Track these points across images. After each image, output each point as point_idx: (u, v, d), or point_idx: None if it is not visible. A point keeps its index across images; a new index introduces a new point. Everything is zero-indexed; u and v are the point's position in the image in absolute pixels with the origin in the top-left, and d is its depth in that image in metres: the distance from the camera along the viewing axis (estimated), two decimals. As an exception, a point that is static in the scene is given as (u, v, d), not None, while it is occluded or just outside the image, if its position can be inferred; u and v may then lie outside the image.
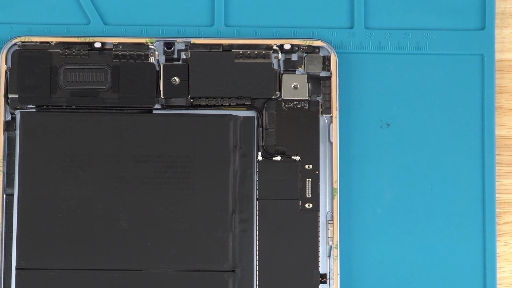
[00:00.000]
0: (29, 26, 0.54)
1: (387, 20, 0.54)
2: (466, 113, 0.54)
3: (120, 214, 0.51)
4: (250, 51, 0.53)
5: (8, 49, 0.52)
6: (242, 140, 0.52)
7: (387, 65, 0.54)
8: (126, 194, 0.51)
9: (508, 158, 0.55)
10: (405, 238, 0.53)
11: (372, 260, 0.53)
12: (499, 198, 0.55)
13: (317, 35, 0.54)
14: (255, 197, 0.52)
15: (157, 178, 0.51)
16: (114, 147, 0.51)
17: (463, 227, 0.53)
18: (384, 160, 0.54)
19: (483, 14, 0.54)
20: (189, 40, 0.53)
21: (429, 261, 0.53)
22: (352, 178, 0.53)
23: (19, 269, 0.51)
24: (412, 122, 0.54)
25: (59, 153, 0.51)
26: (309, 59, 0.53)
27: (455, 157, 0.54)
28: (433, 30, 0.54)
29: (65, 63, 0.52)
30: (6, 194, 0.52)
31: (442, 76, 0.54)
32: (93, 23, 0.54)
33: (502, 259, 0.55)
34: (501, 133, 0.55)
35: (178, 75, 0.53)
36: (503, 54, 0.55)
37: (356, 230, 0.53)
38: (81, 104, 0.52)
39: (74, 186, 0.51)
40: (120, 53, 0.53)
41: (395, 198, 0.53)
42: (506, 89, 0.55)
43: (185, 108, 0.53)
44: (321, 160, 0.53)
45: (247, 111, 0.53)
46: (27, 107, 0.52)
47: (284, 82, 0.53)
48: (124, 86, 0.52)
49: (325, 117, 0.53)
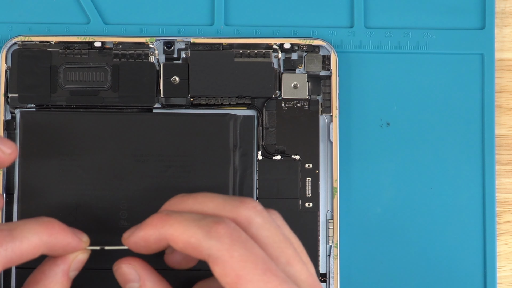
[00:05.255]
0: (29, 26, 0.54)
1: (387, 19, 0.54)
2: (466, 112, 0.54)
3: (120, 213, 0.51)
4: (250, 50, 0.53)
5: (8, 48, 0.52)
6: (242, 139, 0.52)
7: (387, 64, 0.54)
8: (126, 193, 0.51)
9: (508, 158, 0.55)
10: (405, 238, 0.53)
11: (372, 259, 0.53)
12: (499, 197, 0.55)
13: (317, 34, 0.54)
14: (255, 196, 0.52)
15: (157, 177, 0.51)
16: (114, 146, 0.51)
17: (463, 226, 0.53)
18: (384, 159, 0.54)
19: (483, 13, 0.54)
20: (189, 39, 0.53)
21: (429, 260, 0.53)
22: (352, 178, 0.53)
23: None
24: (412, 122, 0.54)
25: (59, 152, 0.51)
26: (309, 58, 0.53)
27: (455, 156, 0.54)
28: (433, 30, 0.54)
29: (65, 62, 0.52)
30: (6, 194, 0.52)
31: (442, 75, 0.54)
32: (93, 23, 0.54)
33: (502, 258, 0.55)
34: (501, 132, 0.55)
35: (178, 74, 0.53)
36: (503, 53, 0.55)
37: (356, 230, 0.53)
38: (81, 103, 0.52)
39: (74, 185, 0.51)
40: (120, 52, 0.53)
41: (395, 198, 0.53)
42: (506, 88, 0.55)
43: (185, 107, 0.53)
44: (321, 159, 0.53)
45: (247, 110, 0.53)
46: (27, 106, 0.52)
47: (284, 81, 0.53)
48: (124, 85, 0.52)
49: (325, 116, 0.53)
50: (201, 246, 0.40)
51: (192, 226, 0.40)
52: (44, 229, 0.43)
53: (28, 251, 0.42)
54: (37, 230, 0.42)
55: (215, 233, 0.40)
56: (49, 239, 0.43)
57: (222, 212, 0.41)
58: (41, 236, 0.42)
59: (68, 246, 0.43)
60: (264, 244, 0.41)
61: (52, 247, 0.43)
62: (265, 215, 0.42)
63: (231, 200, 0.42)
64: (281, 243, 0.41)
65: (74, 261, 0.44)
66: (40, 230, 0.42)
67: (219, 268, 0.39)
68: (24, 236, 0.42)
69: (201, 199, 0.42)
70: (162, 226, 0.41)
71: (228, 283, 0.39)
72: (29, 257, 0.42)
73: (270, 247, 0.41)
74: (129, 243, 0.43)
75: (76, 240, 0.44)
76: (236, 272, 0.39)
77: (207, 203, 0.42)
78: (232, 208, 0.41)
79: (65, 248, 0.43)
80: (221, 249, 0.39)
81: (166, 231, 0.41)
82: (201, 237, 0.40)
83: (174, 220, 0.41)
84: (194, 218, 0.41)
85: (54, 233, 0.43)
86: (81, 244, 0.44)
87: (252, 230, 0.41)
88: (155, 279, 0.43)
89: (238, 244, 0.40)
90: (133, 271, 0.43)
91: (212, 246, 0.40)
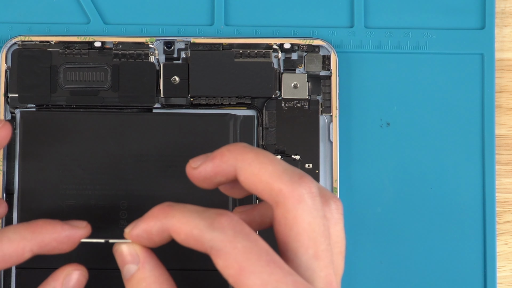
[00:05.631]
0: (29, 26, 0.54)
1: (387, 19, 0.54)
2: (466, 112, 0.54)
3: (120, 213, 0.51)
4: (250, 50, 0.53)
5: (8, 48, 0.52)
6: (242, 139, 0.52)
7: (387, 64, 0.54)
8: (126, 193, 0.51)
9: (508, 158, 0.55)
10: (405, 238, 0.53)
11: (372, 259, 0.53)
12: (499, 197, 0.55)
13: (317, 34, 0.54)
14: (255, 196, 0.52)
15: (157, 177, 0.51)
16: (114, 146, 0.51)
17: (463, 226, 0.53)
18: (384, 159, 0.54)
19: (483, 13, 0.54)
20: (189, 39, 0.53)
21: (429, 260, 0.53)
22: (352, 177, 0.53)
23: (19, 268, 0.51)
24: (412, 122, 0.54)
25: (59, 152, 0.51)
26: (309, 58, 0.53)
27: (455, 156, 0.54)
28: (433, 29, 0.54)
29: (65, 62, 0.52)
30: (6, 194, 0.52)
31: (442, 75, 0.54)
32: (93, 23, 0.54)
33: (502, 258, 0.55)
34: (501, 132, 0.55)
35: (178, 74, 0.53)
36: (503, 53, 0.55)
37: (356, 230, 0.53)
38: (81, 103, 0.52)
39: (74, 185, 0.51)
40: (120, 52, 0.53)
41: (395, 198, 0.53)
42: (506, 88, 0.55)
43: (185, 107, 0.53)
44: (321, 159, 0.53)
45: (247, 110, 0.53)
46: (27, 106, 0.52)
47: (284, 81, 0.53)
48: (124, 85, 0.52)
49: (325, 116, 0.53)
50: (204, 237, 0.39)
51: (195, 217, 0.40)
52: (26, 227, 0.43)
53: (11, 251, 0.42)
54: (18, 229, 0.42)
55: (218, 224, 0.39)
56: (33, 236, 0.42)
57: (276, 181, 0.40)
58: (23, 233, 0.42)
59: (59, 238, 0.43)
60: (302, 228, 0.40)
61: (41, 243, 0.43)
62: (317, 201, 0.40)
63: (291, 172, 0.40)
64: (317, 234, 0.40)
65: (65, 279, 0.44)
66: (21, 228, 0.43)
67: (222, 260, 0.38)
68: (4, 236, 0.42)
69: (262, 158, 0.41)
70: (164, 217, 0.41)
71: (231, 275, 0.38)
72: (17, 257, 0.42)
73: (306, 235, 0.40)
74: (132, 236, 0.42)
75: (67, 229, 0.44)
76: (239, 264, 0.38)
77: (267, 165, 0.40)
78: (288, 180, 0.40)
79: (57, 240, 0.43)
80: (224, 241, 0.39)
81: (168, 222, 0.40)
82: (204, 228, 0.39)
83: (176, 211, 0.40)
84: (197, 209, 0.40)
85: (37, 229, 0.43)
86: (77, 231, 0.44)
87: (298, 211, 0.40)
88: (155, 263, 0.42)
89: (241, 235, 0.39)
90: (134, 252, 0.42)
91: (214, 237, 0.39)
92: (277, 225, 0.40)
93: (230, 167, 0.41)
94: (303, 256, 0.40)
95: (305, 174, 0.41)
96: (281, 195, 0.40)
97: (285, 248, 0.40)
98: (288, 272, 0.38)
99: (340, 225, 0.42)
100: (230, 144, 0.42)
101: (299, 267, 0.40)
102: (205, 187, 0.43)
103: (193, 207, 0.41)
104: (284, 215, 0.40)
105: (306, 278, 0.39)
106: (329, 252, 0.40)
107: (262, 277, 0.38)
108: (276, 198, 0.40)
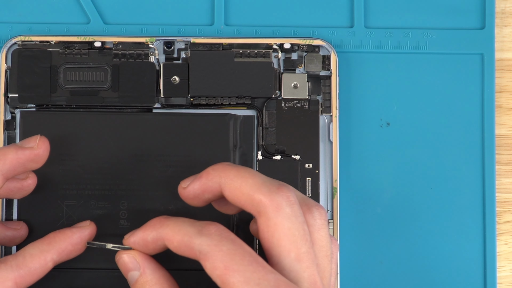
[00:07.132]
0: (29, 25, 0.54)
1: (387, 19, 0.54)
2: (466, 112, 0.54)
3: (120, 213, 0.51)
4: (250, 50, 0.53)
5: (8, 48, 0.52)
6: (242, 139, 0.52)
7: (387, 64, 0.54)
8: (126, 193, 0.51)
9: (508, 157, 0.55)
10: (405, 238, 0.53)
11: (372, 259, 0.53)
12: (499, 197, 0.55)
13: (317, 34, 0.54)
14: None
15: (157, 177, 0.51)
16: (114, 146, 0.51)
17: (463, 226, 0.53)
18: (384, 159, 0.54)
19: (483, 13, 0.54)
20: (189, 39, 0.53)
21: (429, 260, 0.53)
22: (352, 177, 0.53)
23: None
24: (412, 122, 0.54)
25: (59, 152, 0.51)
26: (309, 58, 0.53)
27: (455, 156, 0.54)
28: (433, 29, 0.54)
29: (65, 62, 0.52)
30: (6, 194, 0.52)
31: (442, 75, 0.54)
32: (93, 23, 0.54)
33: (502, 258, 0.55)
34: (501, 132, 0.55)
35: (178, 74, 0.53)
36: (503, 53, 0.55)
37: (356, 230, 0.53)
38: (81, 103, 0.52)
39: (74, 185, 0.51)
40: (120, 52, 0.53)
41: (395, 198, 0.53)
42: (506, 88, 0.55)
43: (185, 107, 0.53)
44: (321, 159, 0.53)
45: (247, 110, 0.53)
46: (27, 106, 0.52)
47: (284, 81, 0.53)
48: (124, 85, 0.52)
49: (325, 116, 0.53)
50: (193, 242, 0.42)
51: (186, 226, 0.43)
52: (42, 241, 0.47)
53: (36, 265, 0.46)
54: (36, 245, 0.47)
55: (206, 231, 0.43)
56: (50, 246, 0.47)
57: (256, 192, 0.43)
58: (41, 247, 0.47)
59: (73, 241, 0.47)
60: (283, 234, 0.43)
61: (59, 250, 0.47)
62: (295, 208, 0.43)
63: (269, 183, 0.44)
64: (297, 238, 0.43)
65: None
66: (38, 243, 0.47)
67: (209, 262, 0.42)
68: (26, 253, 0.46)
69: (243, 173, 0.44)
70: (160, 227, 0.45)
71: (217, 276, 0.41)
72: (42, 270, 0.46)
73: (286, 239, 0.43)
74: (129, 243, 0.46)
75: (76, 231, 0.48)
76: (224, 264, 0.41)
77: (247, 179, 0.44)
78: (267, 191, 0.43)
79: (72, 244, 0.47)
80: (210, 245, 0.42)
81: (163, 231, 0.44)
82: (193, 235, 0.43)
83: (171, 222, 0.44)
84: (189, 220, 0.44)
85: (51, 240, 0.47)
86: (85, 231, 0.48)
87: (278, 218, 0.43)
88: (155, 267, 0.46)
89: (227, 240, 0.42)
90: (134, 260, 0.46)
91: (202, 242, 0.42)
92: (261, 233, 0.43)
93: (215, 184, 0.45)
94: (285, 259, 0.43)
95: (283, 184, 0.44)
96: (261, 205, 0.43)
97: (269, 253, 0.43)
98: (270, 270, 0.41)
99: (324, 230, 0.45)
100: (215, 164, 0.46)
101: (283, 270, 0.43)
102: (196, 204, 0.47)
103: (186, 219, 0.44)
104: (266, 223, 0.43)
105: (291, 279, 0.42)
106: (311, 254, 0.43)
107: (245, 275, 0.41)
108: (257, 208, 0.43)
